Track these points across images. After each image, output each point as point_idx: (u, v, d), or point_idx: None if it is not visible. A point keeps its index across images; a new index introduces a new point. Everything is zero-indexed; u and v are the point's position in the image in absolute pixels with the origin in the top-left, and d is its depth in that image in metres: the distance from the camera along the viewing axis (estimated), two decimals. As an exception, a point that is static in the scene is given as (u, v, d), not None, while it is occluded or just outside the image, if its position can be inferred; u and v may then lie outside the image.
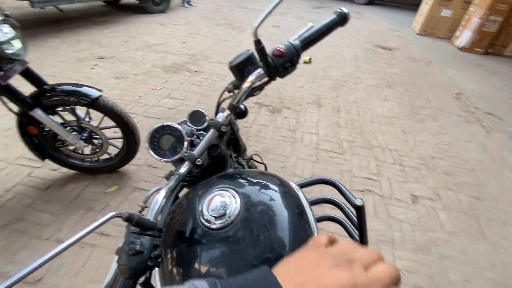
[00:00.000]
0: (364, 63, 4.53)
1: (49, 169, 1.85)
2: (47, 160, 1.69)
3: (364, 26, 7.15)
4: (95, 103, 1.47)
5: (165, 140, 0.68)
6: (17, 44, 1.31)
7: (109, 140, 1.69)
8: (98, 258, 1.38)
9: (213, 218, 0.48)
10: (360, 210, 0.64)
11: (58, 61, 3.52)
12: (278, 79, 0.61)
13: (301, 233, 0.51)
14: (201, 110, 0.72)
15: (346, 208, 0.73)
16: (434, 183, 2.06)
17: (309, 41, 0.59)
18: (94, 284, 1.29)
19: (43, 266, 0.33)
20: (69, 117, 1.59)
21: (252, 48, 0.54)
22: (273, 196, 0.56)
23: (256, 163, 1.10)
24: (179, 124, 0.76)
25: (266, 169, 1.11)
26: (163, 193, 0.51)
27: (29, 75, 1.43)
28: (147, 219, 0.43)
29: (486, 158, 2.42)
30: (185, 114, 2.65)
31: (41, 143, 1.60)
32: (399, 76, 4.09)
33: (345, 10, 0.59)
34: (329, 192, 1.71)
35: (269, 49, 0.58)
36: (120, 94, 2.87)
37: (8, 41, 1.23)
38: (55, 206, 1.62)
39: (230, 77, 2.89)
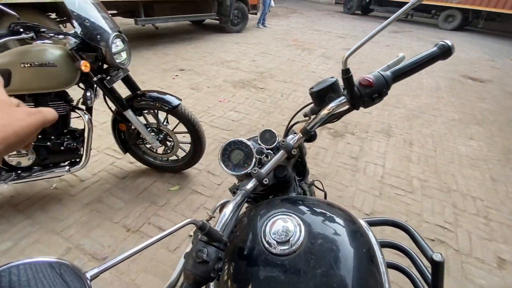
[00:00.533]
0: (447, 94, 4.03)
1: (127, 162, 2.13)
2: (127, 154, 1.94)
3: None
4: (174, 110, 1.65)
5: (235, 154, 0.71)
6: (124, 55, 1.57)
7: (180, 144, 1.86)
8: (152, 250, 1.49)
9: (275, 242, 0.47)
10: (438, 266, 0.54)
11: (148, 69, 4.11)
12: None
13: (370, 282, 0.46)
14: (272, 130, 0.72)
15: (419, 261, 0.63)
16: (535, 249, 1.65)
17: (402, 73, 0.55)
18: (147, 273, 1.39)
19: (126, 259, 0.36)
20: (150, 119, 1.81)
21: (318, 71, 0.52)
22: (341, 231, 0.52)
23: (317, 190, 1.06)
24: (248, 140, 0.79)
25: (326, 197, 1.05)
26: (231, 207, 0.53)
27: (128, 81, 1.69)
28: (216, 230, 0.44)
29: None
30: (247, 127, 2.75)
31: (126, 138, 1.86)
32: (490, 113, 3.50)
33: (449, 42, 0.53)
34: (391, 233, 1.52)
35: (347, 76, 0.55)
36: (193, 103, 3.16)
37: (118, 53, 1.49)
38: (127, 194, 1.84)
39: (294, 97, 2.90)
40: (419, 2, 0.45)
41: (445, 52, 0.53)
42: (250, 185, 0.59)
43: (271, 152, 0.72)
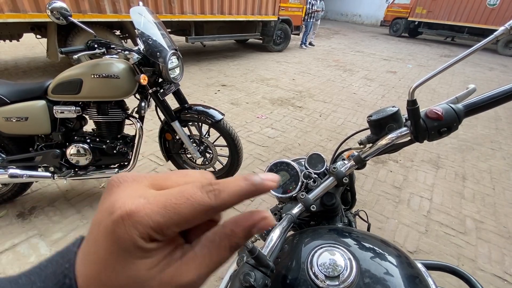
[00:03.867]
0: (508, 126, 3.62)
1: (168, 169, 2.23)
2: (169, 162, 2.04)
3: (510, 81, 5.84)
4: (217, 124, 1.71)
5: (280, 175, 0.70)
6: (177, 71, 1.69)
7: (218, 157, 1.91)
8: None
9: (323, 276, 0.44)
10: None
11: (193, 84, 4.37)
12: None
13: None
14: (321, 154, 0.71)
15: None
16: None
17: (476, 108, 0.50)
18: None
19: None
20: (194, 131, 1.90)
21: (360, 92, 0.49)
22: (396, 273, 0.47)
23: (359, 220, 0.99)
24: (294, 161, 0.78)
25: (369, 229, 0.99)
26: (277, 232, 0.51)
27: (178, 94, 1.81)
28: (264, 255, 0.43)
29: None
30: (283, 145, 2.74)
31: (170, 147, 1.96)
32: None
33: None
34: (440, 278, 1.34)
35: (392, 98, 0.52)
36: (232, 117, 3.26)
37: (173, 68, 1.61)
38: (164, 201, 1.91)
39: (333, 117, 2.84)
40: (504, 35, 0.41)
41: None
42: (296, 210, 0.58)
43: (318, 177, 0.70)
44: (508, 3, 8.88)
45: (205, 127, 1.86)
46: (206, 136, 1.90)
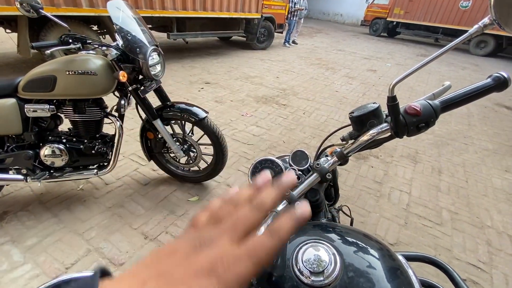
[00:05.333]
0: (480, 122, 3.83)
1: (150, 169, 2.18)
2: (151, 161, 1.99)
3: (481, 79, 6.18)
4: (200, 122, 1.69)
5: None
6: (158, 67, 1.64)
7: (202, 155, 1.88)
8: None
9: (307, 271, 0.44)
10: None
11: (175, 81, 4.28)
12: None
13: None
14: (304, 151, 0.71)
15: None
16: None
17: (451, 103, 0.52)
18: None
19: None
20: (177, 129, 1.86)
21: (342, 90, 0.51)
22: (379, 266, 0.48)
23: (343, 216, 1.01)
24: (278, 158, 0.78)
25: (352, 224, 1.01)
26: (262, 229, 0.51)
27: (159, 92, 1.76)
28: None
29: None
30: (268, 143, 2.74)
31: (152, 146, 1.91)
32: (529, 145, 3.27)
33: (504, 74, 0.50)
34: (419, 269, 1.40)
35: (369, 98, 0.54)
36: (216, 115, 3.23)
37: (154, 65, 1.56)
38: (147, 201, 1.87)
39: (316, 115, 2.88)
40: (478, 33, 0.43)
41: (500, 85, 0.50)
42: (280, 207, 0.58)
43: (302, 174, 0.71)
44: (479, 5, 9.37)
45: (188, 126, 1.83)
46: (190, 134, 1.86)
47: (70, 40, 1.35)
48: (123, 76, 1.42)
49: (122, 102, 1.58)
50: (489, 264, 1.63)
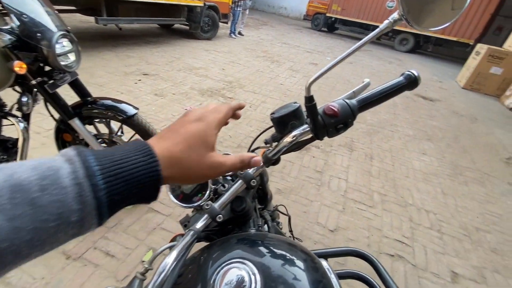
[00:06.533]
0: (403, 111, 4.35)
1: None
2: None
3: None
4: (129, 120, 1.50)
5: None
6: (72, 57, 1.39)
7: (135, 157, 1.69)
8: (98, 280, 1.30)
9: None
10: None
11: (107, 72, 3.81)
12: None
13: None
14: (231, 154, 0.65)
15: None
16: (479, 261, 1.77)
17: (368, 102, 0.51)
18: (87, 310, 1.20)
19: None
20: (103, 129, 1.63)
21: (287, 83, 0.47)
22: (302, 277, 0.46)
23: (281, 216, 1.00)
24: None
25: (290, 221, 1.00)
26: (174, 255, 0.43)
27: (77, 86, 1.50)
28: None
29: (545, 240, 2.07)
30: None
31: (72, 150, 1.64)
32: (440, 130, 3.84)
33: (415, 72, 0.51)
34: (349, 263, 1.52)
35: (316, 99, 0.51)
36: (156, 110, 2.98)
37: (65, 54, 1.31)
38: (71, 214, 1.61)
39: (263, 108, 2.86)
40: (388, 29, 0.42)
41: (411, 83, 0.51)
42: (201, 223, 0.51)
43: (230, 180, 0.65)
44: (401, 6, 10.56)
45: (117, 124, 1.61)
46: (120, 134, 1.65)
47: None
48: (19, 67, 1.15)
49: (24, 99, 1.30)
50: (411, 238, 1.86)
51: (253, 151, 0.68)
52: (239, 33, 8.30)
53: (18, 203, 0.19)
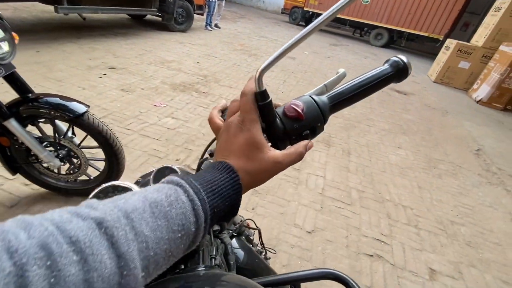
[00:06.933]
0: (378, 105, 4.39)
1: (22, 183, 1.65)
2: (19, 175, 1.49)
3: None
4: (78, 120, 1.30)
5: None
6: (4, 47, 1.17)
7: (90, 161, 1.50)
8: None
9: None
10: None
11: (69, 66, 3.47)
12: None
13: None
14: (174, 167, 0.51)
15: None
16: (455, 255, 1.77)
17: (344, 99, 0.39)
18: None
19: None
20: (50, 130, 1.41)
21: (264, 78, 0.34)
22: None
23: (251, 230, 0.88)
24: (143, 177, 0.56)
25: (260, 234, 0.89)
26: None
27: (14, 81, 1.28)
28: None
29: (513, 230, 2.13)
30: (185, 136, 2.45)
31: (14, 155, 1.41)
32: (414, 123, 3.91)
33: (404, 58, 0.39)
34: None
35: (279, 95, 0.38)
36: (121, 107, 2.74)
37: (-8, 42, 1.10)
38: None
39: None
40: (334, 15, 0.29)
41: (399, 72, 0.39)
42: None
43: None
44: (377, 1, 10.74)
45: (66, 125, 1.41)
46: (71, 136, 1.45)
47: None
48: None
49: None
50: (390, 236, 1.83)
51: (202, 162, 0.55)
52: (216, 26, 8.02)
53: (157, 217, 0.24)
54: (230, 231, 0.66)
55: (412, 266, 1.63)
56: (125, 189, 0.48)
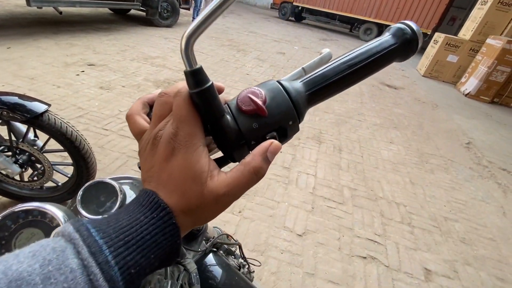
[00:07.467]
0: (369, 100, 4.33)
1: (-19, 192, 1.49)
2: (-26, 182, 1.33)
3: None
4: (37, 121, 1.15)
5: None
6: None
7: (56, 166, 1.35)
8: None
9: None
10: None
11: (43, 63, 3.26)
12: None
13: None
14: (111, 182, 0.40)
15: None
16: (450, 254, 1.71)
17: (326, 85, 0.27)
18: None
19: None
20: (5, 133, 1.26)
21: (253, 73, 0.25)
22: None
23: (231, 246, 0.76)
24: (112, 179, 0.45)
25: (241, 248, 0.78)
26: None
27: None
28: None
29: (507, 225, 2.09)
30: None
31: (-34, 161, 1.25)
32: (405, 118, 3.86)
33: (413, 25, 0.28)
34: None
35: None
36: (99, 106, 2.57)
37: None
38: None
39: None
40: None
41: (406, 44, 0.28)
42: None
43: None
44: (365, -4, 10.72)
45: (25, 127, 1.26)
46: (33, 139, 1.30)
47: None
48: None
49: None
50: (383, 236, 1.75)
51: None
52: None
53: None
54: (199, 251, 0.54)
55: (407, 267, 1.56)
56: (108, 186, 0.38)
